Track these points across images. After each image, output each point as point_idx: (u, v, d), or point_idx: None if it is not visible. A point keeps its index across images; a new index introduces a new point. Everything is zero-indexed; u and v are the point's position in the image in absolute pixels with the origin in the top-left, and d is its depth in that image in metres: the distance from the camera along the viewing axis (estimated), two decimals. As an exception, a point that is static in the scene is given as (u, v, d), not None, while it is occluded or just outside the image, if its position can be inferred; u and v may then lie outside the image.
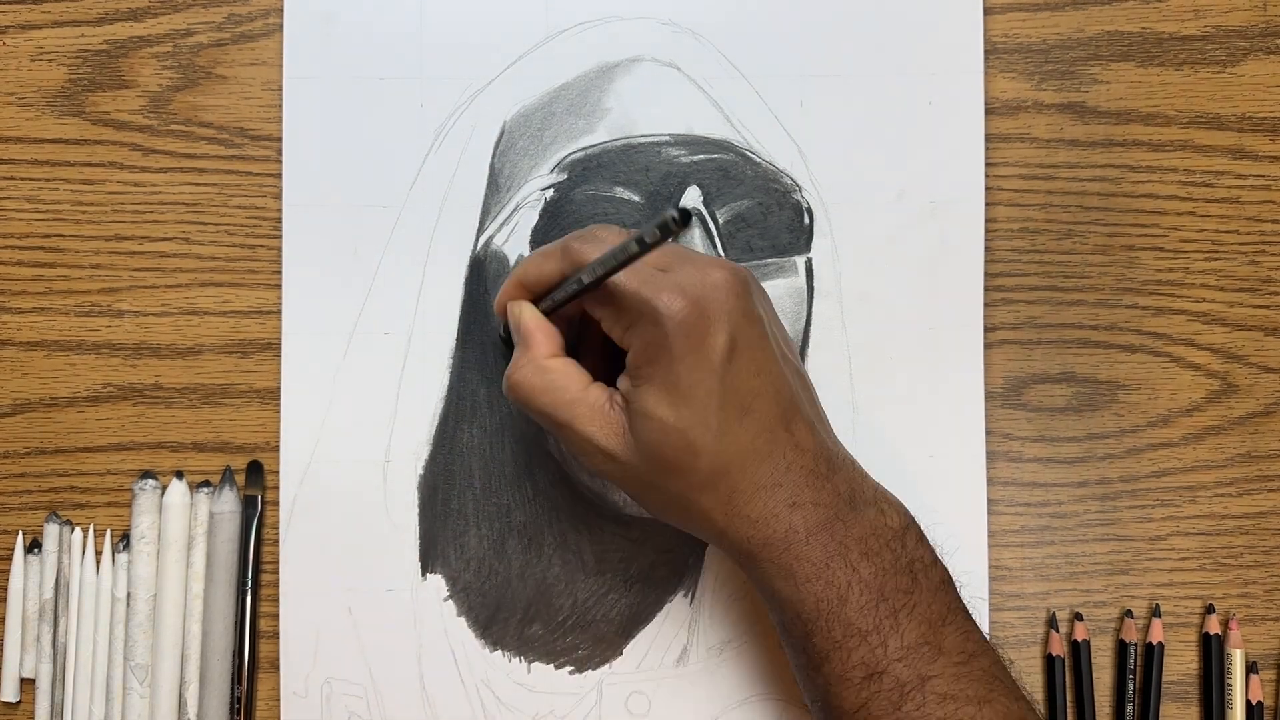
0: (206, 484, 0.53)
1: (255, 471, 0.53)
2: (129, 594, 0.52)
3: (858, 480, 0.45)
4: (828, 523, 0.43)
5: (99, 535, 0.53)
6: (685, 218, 0.37)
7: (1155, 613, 0.54)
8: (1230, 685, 0.53)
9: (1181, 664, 0.54)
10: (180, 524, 0.53)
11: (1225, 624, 0.54)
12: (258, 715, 0.53)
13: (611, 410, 0.44)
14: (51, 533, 0.53)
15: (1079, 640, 0.53)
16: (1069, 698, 0.54)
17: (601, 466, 0.45)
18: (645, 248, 0.40)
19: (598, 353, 0.48)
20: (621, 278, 0.43)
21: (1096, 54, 0.55)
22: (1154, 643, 0.53)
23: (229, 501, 0.53)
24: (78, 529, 0.53)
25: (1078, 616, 0.54)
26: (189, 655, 0.52)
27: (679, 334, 0.42)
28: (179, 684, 0.52)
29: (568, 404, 0.45)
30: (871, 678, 0.42)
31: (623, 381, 0.45)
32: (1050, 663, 0.53)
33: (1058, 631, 0.53)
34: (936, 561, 0.45)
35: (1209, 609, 0.54)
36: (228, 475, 0.53)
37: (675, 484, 0.44)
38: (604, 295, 0.44)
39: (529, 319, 0.47)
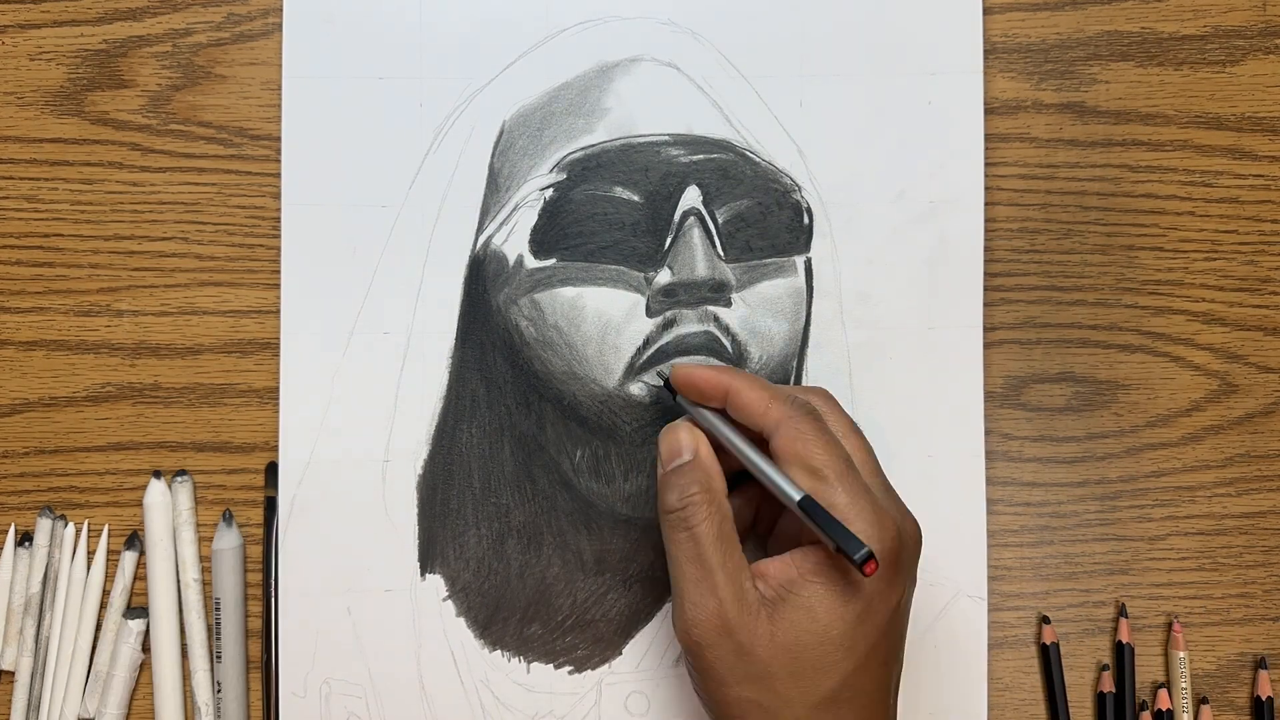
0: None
1: (272, 473, 0.53)
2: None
3: None
4: None
5: (93, 533, 0.53)
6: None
7: (1122, 613, 0.54)
8: (1185, 689, 0.53)
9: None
10: (164, 522, 0.53)
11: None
12: (254, 715, 0.53)
13: (751, 587, 0.44)
14: (44, 527, 0.53)
15: (1047, 644, 0.53)
16: (1042, 695, 0.54)
17: (704, 635, 0.44)
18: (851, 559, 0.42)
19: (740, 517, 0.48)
20: (854, 485, 0.44)
21: (1096, 54, 0.55)
22: (1123, 642, 0.53)
23: (230, 539, 0.53)
24: (70, 524, 0.53)
25: (1045, 620, 0.54)
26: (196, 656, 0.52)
27: (882, 563, 0.43)
28: (181, 682, 0.52)
29: (724, 552, 0.44)
30: None
31: (784, 569, 0.44)
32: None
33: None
34: None
35: (1261, 663, 0.54)
36: (228, 516, 0.53)
37: (788, 688, 0.43)
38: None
39: (707, 454, 0.47)
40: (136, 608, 0.53)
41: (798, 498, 0.43)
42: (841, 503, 0.43)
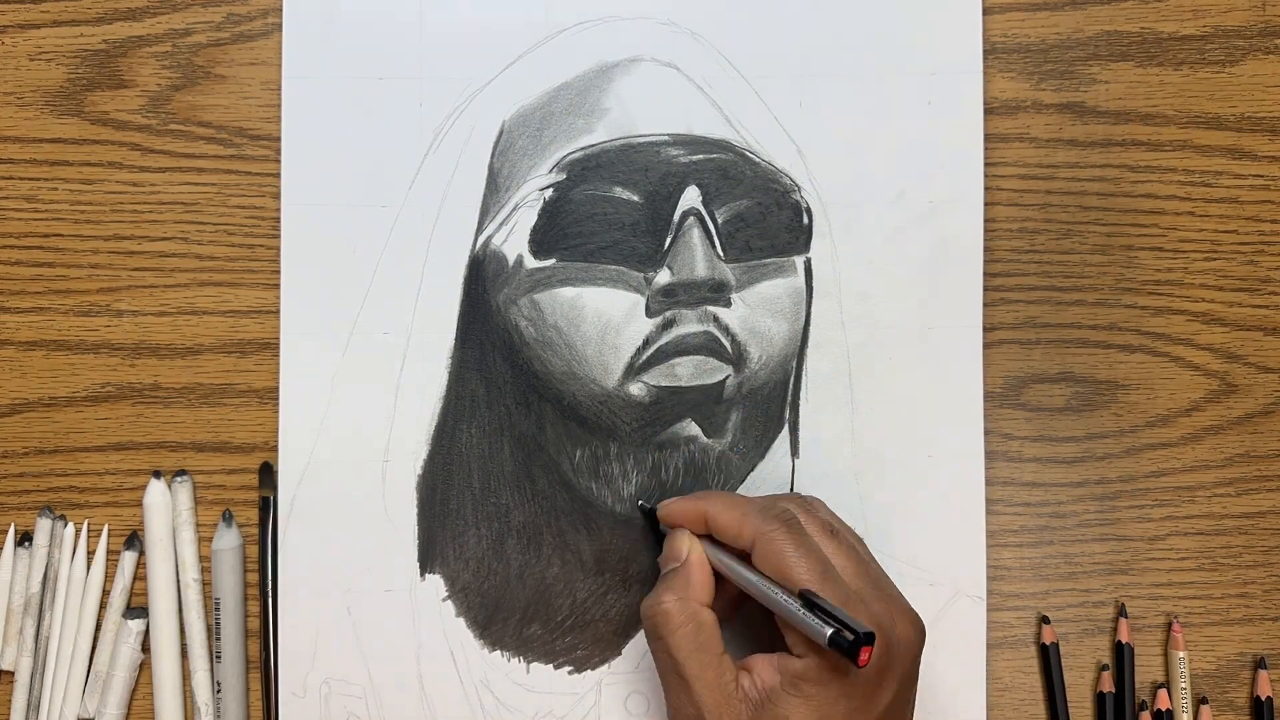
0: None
1: (266, 473, 0.53)
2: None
3: None
4: None
5: (93, 533, 0.53)
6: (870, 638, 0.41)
7: (1121, 613, 0.54)
8: (1184, 689, 0.53)
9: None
10: (164, 522, 0.53)
11: (1168, 627, 0.54)
12: (254, 715, 0.53)
13: (736, 692, 0.44)
14: (44, 527, 0.53)
15: (1047, 643, 0.53)
16: (1041, 695, 0.54)
17: None
18: (844, 650, 0.41)
19: (727, 610, 0.48)
20: (825, 597, 0.43)
21: (1095, 54, 0.55)
22: (1123, 642, 0.53)
23: (230, 539, 0.53)
24: (70, 524, 0.53)
25: (1044, 620, 0.54)
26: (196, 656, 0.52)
27: (858, 679, 0.43)
28: (181, 682, 0.52)
29: (700, 663, 0.45)
30: None
31: (769, 673, 0.44)
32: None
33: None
34: None
35: (1260, 663, 0.54)
36: (227, 516, 0.53)
37: None
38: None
39: (697, 560, 0.47)
40: (136, 608, 0.53)
41: (784, 599, 0.44)
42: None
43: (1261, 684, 0.54)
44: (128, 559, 0.53)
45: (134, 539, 0.53)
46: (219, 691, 0.52)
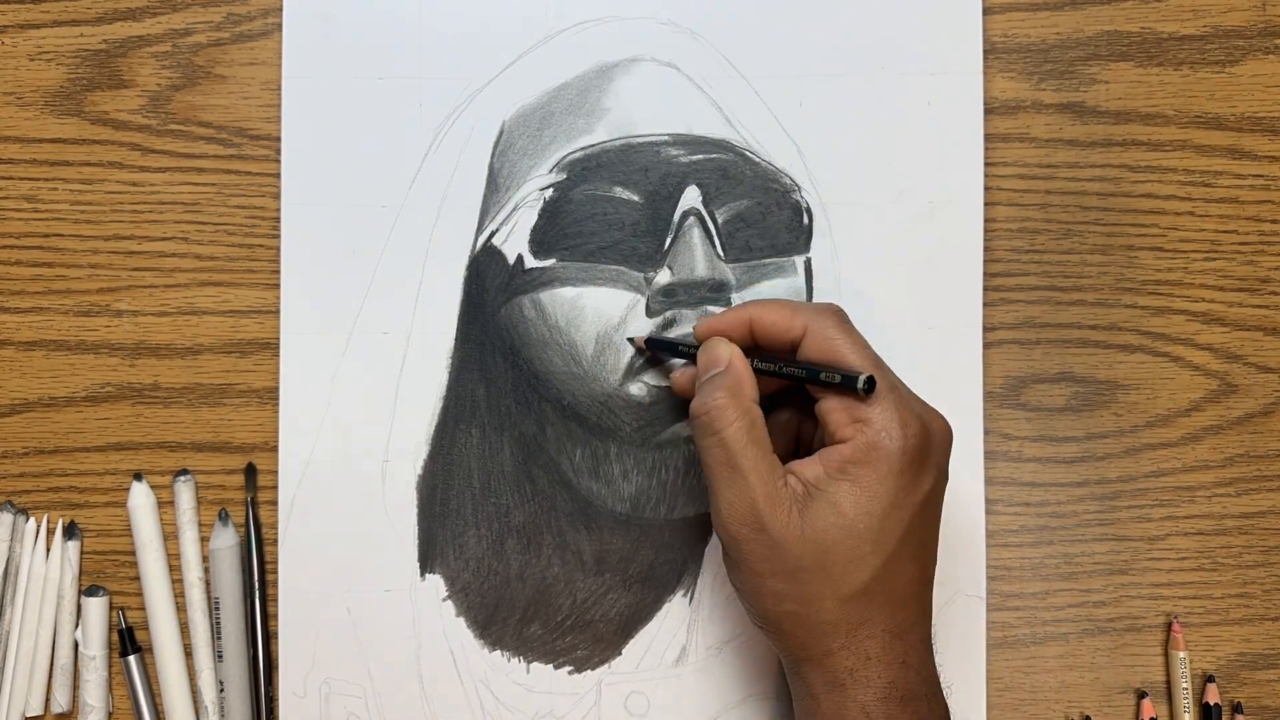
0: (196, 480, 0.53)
1: (251, 474, 0.53)
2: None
3: (936, 672, 0.46)
4: (918, 697, 0.44)
5: (50, 531, 0.53)
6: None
7: (1141, 694, 0.54)
8: (1185, 689, 0.53)
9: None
10: (150, 524, 0.53)
11: (1169, 627, 0.54)
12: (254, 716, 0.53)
13: (784, 485, 0.45)
14: (4, 521, 0.53)
15: (1211, 703, 0.54)
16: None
17: (739, 531, 0.45)
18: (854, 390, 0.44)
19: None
20: (881, 382, 0.44)
21: (1095, 54, 0.55)
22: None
23: (227, 538, 0.53)
24: (31, 519, 0.53)
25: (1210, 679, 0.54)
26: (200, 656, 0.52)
27: (904, 457, 0.44)
28: (187, 678, 0.52)
29: (755, 456, 0.45)
30: None
31: (812, 467, 0.45)
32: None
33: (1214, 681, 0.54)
34: None
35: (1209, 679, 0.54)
36: (223, 515, 0.53)
37: (818, 583, 0.44)
38: (842, 389, 0.45)
39: (740, 360, 0.47)
40: (95, 586, 0.53)
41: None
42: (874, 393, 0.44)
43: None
44: (71, 549, 0.53)
45: (73, 528, 0.53)
46: (222, 691, 0.52)
